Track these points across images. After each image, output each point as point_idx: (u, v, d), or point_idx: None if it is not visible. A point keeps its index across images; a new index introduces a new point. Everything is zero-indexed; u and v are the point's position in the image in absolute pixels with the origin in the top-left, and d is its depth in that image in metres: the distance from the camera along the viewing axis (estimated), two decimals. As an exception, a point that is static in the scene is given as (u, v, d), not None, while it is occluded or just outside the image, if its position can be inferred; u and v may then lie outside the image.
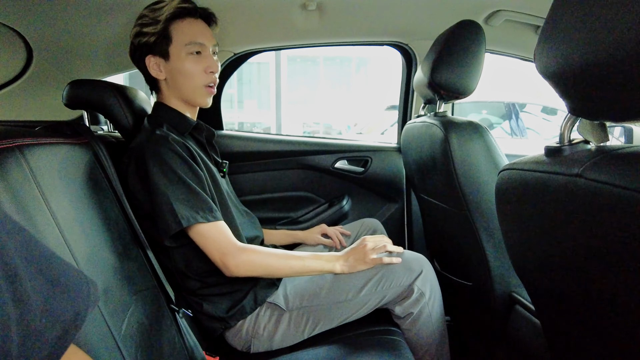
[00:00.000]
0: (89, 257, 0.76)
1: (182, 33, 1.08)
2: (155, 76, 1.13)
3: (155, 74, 1.12)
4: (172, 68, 1.10)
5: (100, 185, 0.94)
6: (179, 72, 1.10)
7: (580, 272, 0.55)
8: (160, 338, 0.90)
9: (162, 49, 1.09)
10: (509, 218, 0.68)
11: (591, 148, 0.53)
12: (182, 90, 1.13)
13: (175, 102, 1.16)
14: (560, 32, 0.48)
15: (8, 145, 0.69)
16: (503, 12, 1.38)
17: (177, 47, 1.08)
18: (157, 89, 1.16)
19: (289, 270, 1.08)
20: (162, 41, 1.08)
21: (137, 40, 1.10)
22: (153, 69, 1.12)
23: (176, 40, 1.08)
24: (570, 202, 0.50)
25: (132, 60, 1.15)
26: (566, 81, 0.49)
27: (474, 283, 1.24)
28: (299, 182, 1.82)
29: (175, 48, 1.09)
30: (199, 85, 1.12)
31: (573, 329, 0.65)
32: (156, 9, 1.09)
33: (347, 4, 1.38)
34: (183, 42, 1.08)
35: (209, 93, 1.14)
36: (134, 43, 1.11)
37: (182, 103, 1.16)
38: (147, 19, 1.09)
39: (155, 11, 1.08)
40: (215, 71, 1.13)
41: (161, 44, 1.09)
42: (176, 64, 1.09)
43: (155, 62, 1.11)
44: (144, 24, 1.09)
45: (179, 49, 1.08)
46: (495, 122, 5.02)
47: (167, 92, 1.15)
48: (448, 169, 1.13)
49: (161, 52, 1.09)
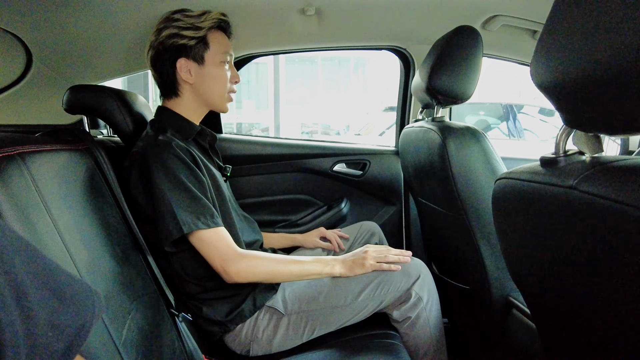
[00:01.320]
0: (90, 264, 0.77)
1: (219, 43, 1.16)
2: (184, 79, 1.14)
3: (186, 77, 1.14)
4: (206, 73, 1.14)
5: (101, 191, 0.95)
6: (212, 78, 1.15)
7: (574, 281, 0.56)
8: (160, 342, 0.91)
9: (199, 54, 1.13)
10: (505, 226, 0.69)
11: (586, 159, 0.54)
12: (209, 94, 1.17)
13: (193, 107, 1.17)
14: (556, 45, 0.49)
15: (10, 153, 0.69)
16: (500, 17, 1.39)
17: (213, 54, 1.14)
18: (175, 93, 1.16)
19: (289, 274, 1.09)
20: (200, 46, 1.13)
21: (172, 42, 1.11)
22: (183, 71, 1.13)
23: (213, 48, 1.14)
24: (565, 213, 0.51)
25: (154, 61, 1.15)
26: (561, 94, 0.50)
27: (471, 287, 1.25)
28: (297, 185, 1.82)
29: (211, 55, 1.14)
30: (225, 92, 1.19)
31: (568, 334, 0.66)
32: (193, 16, 1.12)
33: (346, 9, 1.38)
34: (219, 51, 1.15)
35: (230, 100, 1.22)
36: (165, 44, 1.12)
37: (197, 108, 1.18)
38: (183, 23, 1.11)
39: (193, 18, 1.12)
40: (238, 81, 1.23)
41: (199, 49, 1.13)
42: (210, 69, 1.14)
43: (187, 66, 1.13)
44: (182, 27, 1.11)
45: (215, 56, 1.14)
46: (492, 123, 5.03)
47: (189, 96, 1.16)
48: (445, 174, 1.14)
49: (197, 57, 1.13)
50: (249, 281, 1.06)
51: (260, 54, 1.76)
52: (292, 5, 1.32)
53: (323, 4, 1.32)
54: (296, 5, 1.32)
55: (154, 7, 1.17)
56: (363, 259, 1.11)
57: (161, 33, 1.12)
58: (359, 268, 1.11)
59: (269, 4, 1.30)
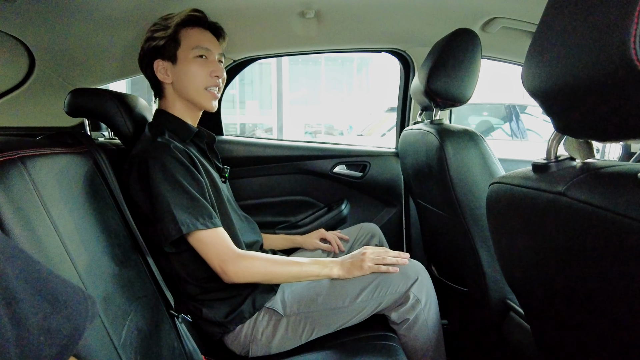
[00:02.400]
0: (90, 266, 0.78)
1: (190, 38, 1.14)
2: (162, 80, 1.16)
3: (162, 77, 1.15)
4: (179, 71, 1.14)
5: (101, 193, 0.96)
6: (184, 75, 1.14)
7: (564, 285, 0.56)
8: (159, 343, 0.92)
9: (171, 53, 1.14)
10: (498, 229, 0.70)
11: (576, 165, 0.55)
12: (187, 92, 1.16)
13: (179, 107, 1.18)
14: (545, 52, 0.50)
15: (10, 157, 0.70)
16: (500, 19, 1.39)
17: (184, 50, 1.13)
18: (162, 94, 1.19)
19: (287, 275, 1.09)
20: (171, 45, 1.13)
21: (147, 45, 1.15)
22: (160, 72, 1.15)
23: (184, 45, 1.13)
24: (554, 218, 0.52)
25: (140, 67, 1.19)
26: (550, 100, 0.51)
27: (469, 289, 1.25)
28: (298, 186, 1.83)
29: (183, 52, 1.13)
30: (201, 88, 1.16)
31: (561, 336, 0.66)
32: (168, 18, 1.14)
33: (345, 11, 1.39)
34: (190, 46, 1.13)
35: (212, 96, 1.18)
36: (144, 48, 1.16)
37: (185, 108, 1.19)
38: (158, 25, 1.15)
39: (167, 19, 1.14)
40: (220, 76, 1.17)
41: (170, 47, 1.13)
42: (182, 66, 1.14)
43: (162, 66, 1.15)
44: (155, 30, 1.15)
45: (187, 53, 1.13)
46: (495, 124, 5.02)
47: (172, 96, 1.18)
48: (443, 177, 1.14)
49: (169, 56, 1.14)
50: (247, 282, 1.06)
51: (261, 57, 1.77)
52: (292, 9, 1.33)
53: (322, 7, 1.33)
54: (296, 8, 1.32)
55: (153, 12, 1.18)
56: (361, 261, 1.11)
57: (143, 39, 1.16)
58: (357, 270, 1.11)
59: (268, 7, 1.31)
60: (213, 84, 1.17)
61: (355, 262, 1.12)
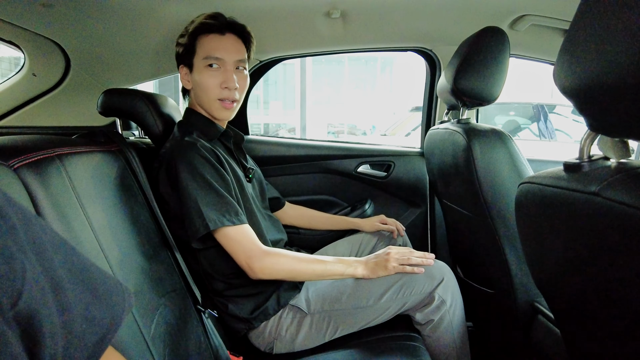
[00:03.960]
0: (121, 260, 0.80)
1: (203, 46, 1.14)
2: (184, 85, 1.20)
3: (185, 83, 1.19)
4: (194, 79, 1.16)
5: (132, 190, 0.99)
6: (198, 84, 1.16)
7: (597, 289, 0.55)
8: (186, 338, 0.94)
9: (189, 60, 1.16)
10: (527, 230, 0.68)
11: (611, 165, 0.53)
12: (201, 101, 1.18)
13: (202, 110, 1.20)
14: (580, 48, 0.49)
15: (49, 155, 0.73)
16: (529, 16, 1.36)
17: (198, 59, 1.14)
18: (189, 96, 1.23)
19: (312, 273, 1.10)
20: (188, 53, 1.15)
21: (176, 50, 1.18)
22: (183, 78, 1.19)
23: (198, 53, 1.14)
24: (587, 220, 0.50)
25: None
26: (585, 98, 0.50)
27: (496, 291, 1.23)
28: (322, 186, 1.84)
29: (197, 60, 1.14)
30: (213, 99, 1.16)
31: (592, 341, 0.65)
32: (192, 22, 1.16)
33: (371, 11, 1.39)
34: (202, 55, 1.14)
35: (223, 107, 1.17)
36: (176, 52, 1.19)
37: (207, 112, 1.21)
38: (184, 30, 1.16)
39: (190, 24, 1.15)
40: (231, 87, 1.14)
41: (187, 55, 1.15)
42: (196, 75, 1.15)
43: (184, 72, 1.18)
44: (180, 35, 1.17)
45: (199, 62, 1.14)
46: (523, 124, 4.90)
47: (193, 100, 1.21)
48: (470, 177, 1.12)
49: (188, 63, 1.16)
50: (272, 278, 1.07)
51: (286, 57, 1.78)
52: (318, 9, 1.33)
53: (348, 7, 1.33)
54: (321, 8, 1.33)
55: (182, 13, 1.21)
56: (385, 261, 1.11)
57: None
58: (381, 270, 1.11)
59: (294, 7, 1.32)
60: (225, 96, 1.15)
61: (379, 262, 1.12)
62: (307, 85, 11.31)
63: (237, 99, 1.18)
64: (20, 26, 1.23)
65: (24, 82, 1.48)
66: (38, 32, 1.28)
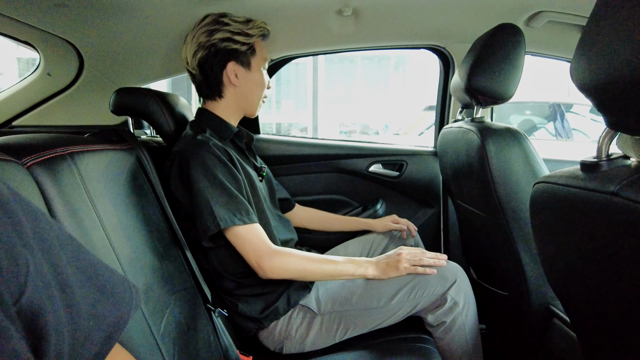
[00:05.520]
0: (132, 258, 0.80)
1: (262, 50, 1.23)
2: (232, 82, 1.18)
3: (233, 80, 1.18)
4: (251, 78, 1.20)
5: (143, 189, 0.99)
6: (255, 83, 1.21)
7: (615, 290, 0.53)
8: (196, 336, 0.94)
9: (247, 60, 1.18)
10: (542, 231, 0.67)
11: (631, 164, 0.51)
12: (250, 98, 1.23)
13: (229, 109, 1.21)
14: (597, 44, 0.47)
15: (61, 153, 0.74)
16: (546, 13, 1.33)
17: (258, 61, 1.21)
18: (219, 94, 1.20)
19: (322, 273, 1.09)
20: (250, 53, 1.18)
21: (224, 45, 1.15)
22: (231, 74, 1.17)
23: (258, 55, 1.21)
24: (605, 220, 0.49)
25: (202, 61, 1.16)
26: (603, 95, 0.48)
27: (510, 293, 1.21)
28: (333, 185, 1.83)
29: (256, 61, 1.20)
30: (260, 97, 1.25)
31: (611, 346, 0.63)
32: (241, 22, 1.16)
33: (383, 8, 1.37)
34: (262, 58, 1.23)
35: (261, 105, 1.29)
36: (218, 46, 1.14)
37: (234, 111, 1.22)
38: (234, 27, 1.15)
39: (241, 24, 1.16)
40: (270, 87, 1.30)
41: (248, 55, 1.18)
42: (255, 75, 1.20)
43: (235, 69, 1.17)
44: (233, 32, 1.15)
45: (259, 63, 1.21)
46: (539, 123, 4.82)
47: (230, 98, 1.20)
48: (485, 177, 1.10)
49: (245, 62, 1.18)
50: (282, 277, 1.07)
51: (298, 55, 1.77)
52: (329, 6, 1.32)
53: (360, 5, 1.32)
54: (333, 6, 1.32)
55: (194, 12, 1.21)
56: (397, 262, 1.10)
57: (213, 35, 1.14)
58: (392, 271, 1.10)
59: (305, 5, 1.31)
60: (266, 95, 1.28)
61: (390, 263, 1.11)
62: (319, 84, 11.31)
63: None
64: (35, 26, 1.25)
65: (39, 82, 1.50)
66: (52, 32, 1.30)
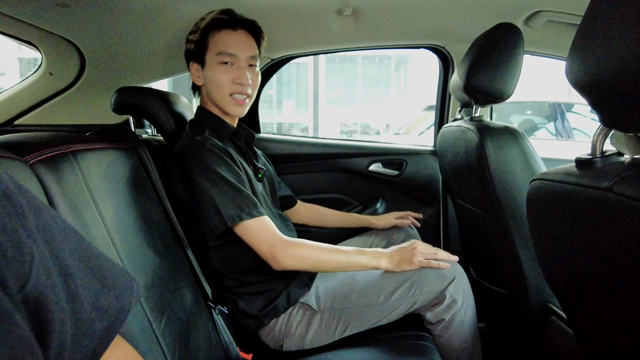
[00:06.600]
0: (133, 256, 0.81)
1: (216, 43, 1.14)
2: (195, 82, 1.20)
3: (195, 79, 1.19)
4: (207, 75, 1.16)
5: (144, 187, 1.00)
6: (210, 80, 1.16)
7: (611, 286, 0.54)
8: (197, 334, 0.94)
9: (200, 57, 1.16)
10: (539, 228, 0.67)
11: (624, 160, 0.52)
12: (213, 97, 1.18)
13: (213, 108, 1.21)
14: (591, 42, 0.48)
15: (63, 151, 0.75)
16: (544, 12, 1.34)
17: (210, 55, 1.15)
18: (199, 94, 1.24)
19: (335, 264, 1.09)
20: (200, 49, 1.15)
21: (185, 47, 1.19)
22: (194, 74, 1.19)
23: (210, 49, 1.14)
24: (598, 216, 0.49)
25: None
26: (598, 93, 0.49)
27: (508, 291, 1.22)
28: (333, 184, 1.83)
29: (209, 56, 1.15)
30: (225, 95, 1.16)
31: (606, 340, 0.63)
32: (203, 19, 1.16)
33: (383, 7, 1.38)
34: (215, 51, 1.14)
35: (236, 103, 1.17)
36: (184, 49, 1.20)
37: (217, 110, 1.21)
38: (194, 27, 1.17)
39: (201, 20, 1.16)
40: (244, 83, 1.15)
41: (199, 51, 1.16)
42: (208, 72, 1.16)
43: (195, 69, 1.19)
44: (191, 32, 1.17)
45: (212, 58, 1.14)
46: (539, 123, 4.82)
47: (204, 98, 1.22)
48: (483, 175, 1.11)
49: (200, 60, 1.17)
50: (295, 268, 1.07)
51: (298, 55, 1.78)
52: (329, 6, 1.33)
53: (360, 4, 1.32)
54: (333, 5, 1.33)
55: (193, 11, 1.22)
56: (412, 255, 1.09)
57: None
58: (406, 264, 1.09)
59: (305, 5, 1.32)
60: (237, 91, 1.15)
61: (405, 256, 1.10)
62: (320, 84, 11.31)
63: (250, 94, 1.19)
64: (37, 26, 1.26)
65: (41, 81, 1.51)
66: (54, 32, 1.31)
